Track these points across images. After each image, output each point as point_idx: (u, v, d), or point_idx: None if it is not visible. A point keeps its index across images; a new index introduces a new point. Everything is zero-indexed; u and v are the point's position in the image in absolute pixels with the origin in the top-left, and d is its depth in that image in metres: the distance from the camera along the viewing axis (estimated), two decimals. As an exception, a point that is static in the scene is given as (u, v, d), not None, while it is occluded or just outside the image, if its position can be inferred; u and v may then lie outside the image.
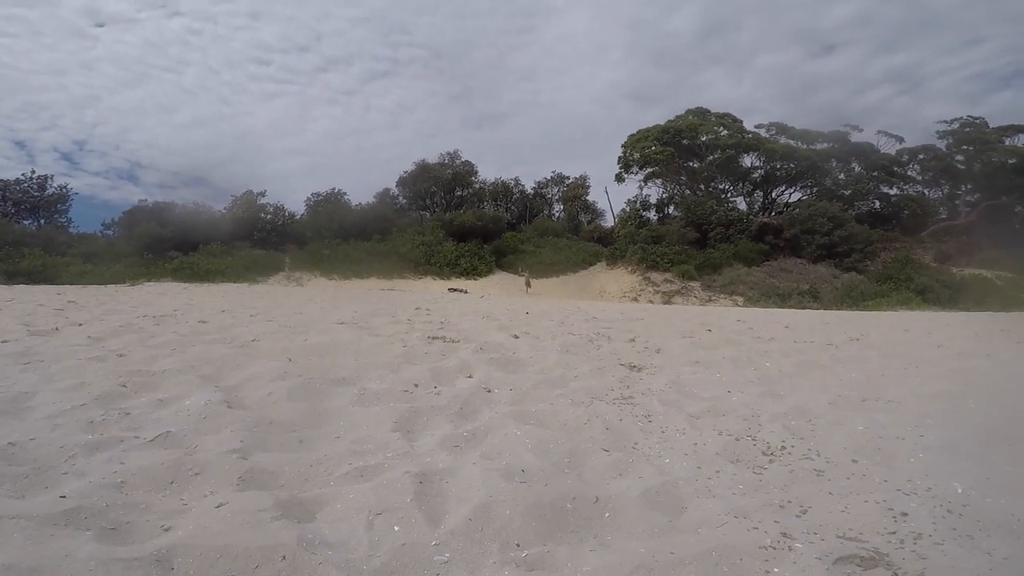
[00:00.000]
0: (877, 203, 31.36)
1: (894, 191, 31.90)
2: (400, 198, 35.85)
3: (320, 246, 24.19)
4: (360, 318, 6.89)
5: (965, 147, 31.45)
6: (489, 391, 3.69)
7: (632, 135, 30.91)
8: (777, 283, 18.26)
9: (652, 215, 31.24)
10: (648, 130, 30.42)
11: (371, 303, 9.77)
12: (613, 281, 23.46)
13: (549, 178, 39.78)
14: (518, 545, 1.86)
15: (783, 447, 2.70)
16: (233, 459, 2.40)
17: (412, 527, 1.90)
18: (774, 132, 31.55)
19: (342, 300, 10.52)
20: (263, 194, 28.77)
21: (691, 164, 31.01)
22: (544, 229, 31.59)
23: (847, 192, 30.28)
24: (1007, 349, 5.78)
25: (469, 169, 36.35)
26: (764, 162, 30.50)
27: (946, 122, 32.89)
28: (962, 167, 31.34)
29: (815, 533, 1.87)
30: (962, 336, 6.78)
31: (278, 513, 1.91)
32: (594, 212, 38.70)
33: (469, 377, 4.02)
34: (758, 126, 31.78)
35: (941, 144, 32.08)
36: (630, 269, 23.91)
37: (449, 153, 36.55)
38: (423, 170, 34.96)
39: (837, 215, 24.42)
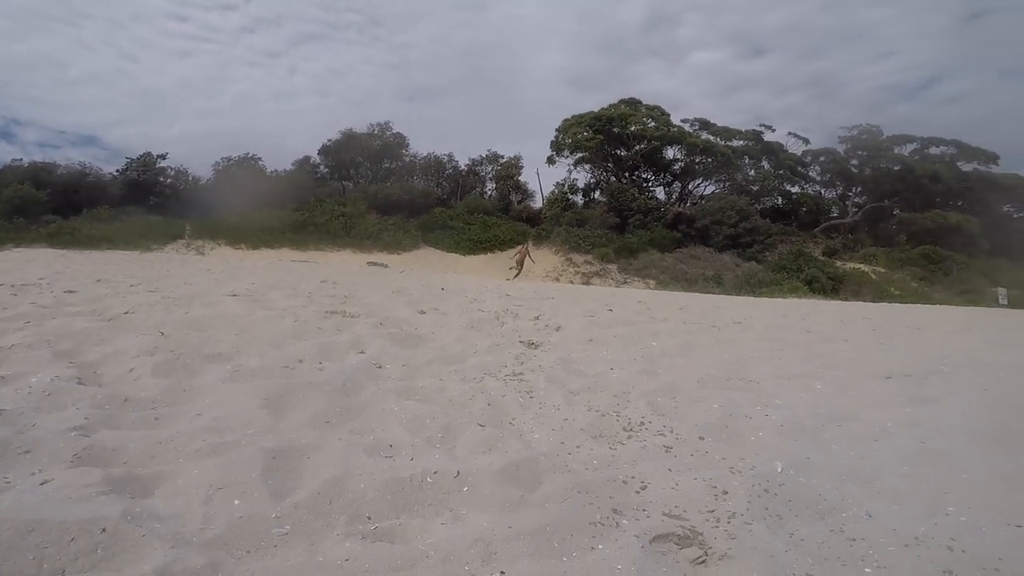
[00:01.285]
0: (780, 199, 33.96)
1: (796, 189, 34.61)
2: (322, 167, 34.11)
3: (228, 214, 22.55)
4: (256, 290, 6.53)
5: (860, 152, 34.76)
6: (380, 367, 3.65)
7: (567, 119, 31.43)
8: (686, 269, 19.40)
9: (579, 199, 32.10)
10: (582, 116, 31.04)
11: (275, 275, 9.29)
12: (538, 260, 23.86)
13: (484, 156, 39.44)
14: (369, 518, 1.88)
15: (642, 423, 2.88)
16: (72, 437, 2.23)
17: (253, 501, 1.87)
18: (697, 127, 33.06)
19: (243, 271, 9.92)
20: (164, 156, 26.31)
21: (619, 152, 31.97)
22: (475, 207, 31.36)
23: (755, 188, 32.64)
24: (864, 335, 6.51)
25: (400, 141, 35.13)
26: (685, 155, 31.95)
27: (847, 128, 36.31)
28: (855, 171, 34.60)
29: (644, 510, 1.98)
30: (831, 322, 7.56)
31: (107, 488, 1.82)
32: (525, 192, 38.91)
33: (361, 353, 3.95)
34: (684, 120, 33.18)
35: (840, 148, 35.27)
36: (554, 250, 24.40)
37: (379, 124, 35.08)
38: (349, 139, 33.34)
39: (744, 209, 26.19)
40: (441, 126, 67.82)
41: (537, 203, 36.19)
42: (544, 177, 41.40)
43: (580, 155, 31.42)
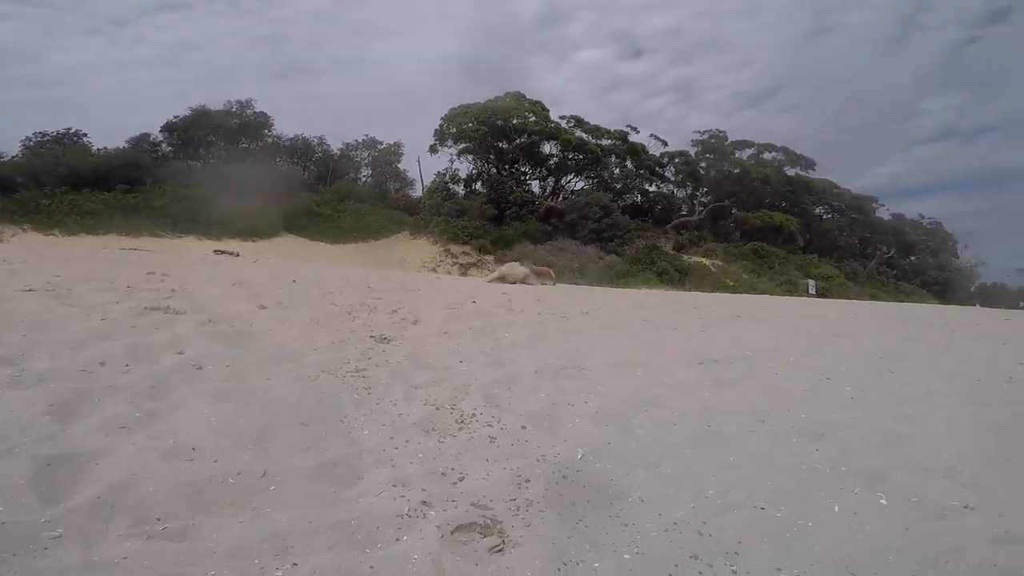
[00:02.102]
0: (639, 197, 36.91)
1: (653, 188, 37.80)
2: (164, 145, 30.08)
3: (37, 194, 18.96)
4: (61, 284, 5.59)
5: (707, 155, 38.56)
6: (199, 368, 3.34)
7: (454, 109, 31.33)
8: (555, 260, 20.36)
9: (460, 189, 32.09)
10: (469, 106, 31.14)
11: (91, 265, 8.03)
12: (415, 251, 23.47)
13: (360, 141, 37.55)
14: (158, 519, 1.80)
15: (474, 415, 2.96)
16: None
17: (20, 507, 1.76)
18: (573, 124, 34.61)
19: (49, 261, 8.43)
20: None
21: (500, 145, 32.57)
22: (346, 193, 29.85)
23: (619, 185, 35.19)
24: (693, 323, 7.34)
25: (263, 121, 32.18)
26: (561, 151, 33.43)
27: (699, 132, 40.09)
28: (703, 172, 38.71)
29: (454, 501, 2.04)
30: (668, 312, 8.42)
31: None
32: (404, 180, 37.87)
33: (179, 354, 3.58)
34: (561, 117, 34.62)
35: (692, 151, 38.83)
36: (432, 240, 24.17)
37: (239, 101, 31.76)
38: (200, 116, 29.75)
39: (607, 205, 28.19)
40: (315, 107, 63.39)
41: (417, 192, 35.56)
42: (426, 166, 40.81)
43: (464, 145, 31.43)
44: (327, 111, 65.56)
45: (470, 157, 32.51)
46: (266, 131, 32.37)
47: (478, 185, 32.26)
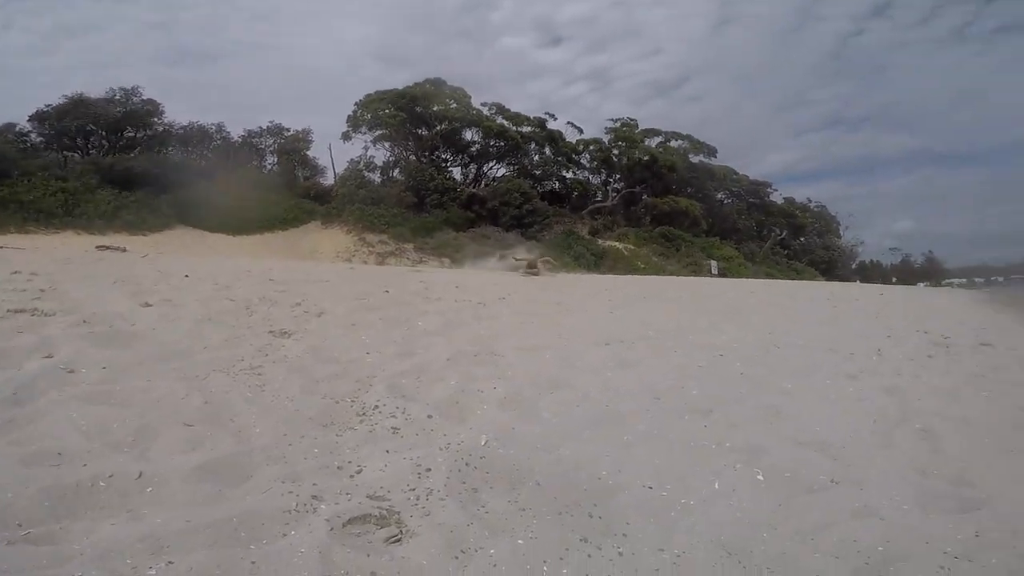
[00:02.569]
0: (557, 184, 37.64)
1: (570, 174, 38.69)
2: (34, 135, 26.55)
3: None
4: None
5: (620, 143, 39.63)
6: (71, 371, 3.03)
7: (369, 95, 30.54)
8: (478, 248, 20.41)
9: (376, 177, 31.22)
10: (385, 92, 30.40)
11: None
12: (327, 240, 22.51)
13: (265, 128, 35.23)
14: (20, 525, 1.70)
15: (377, 407, 2.89)
16: None
17: None
18: (494, 111, 34.57)
19: None
20: None
21: (420, 131, 31.95)
22: (249, 181, 27.96)
23: (538, 172, 35.68)
24: (604, 305, 7.66)
25: (151, 108, 29.13)
26: (482, 138, 33.33)
27: (612, 120, 41.22)
28: (616, 159, 40.02)
29: (348, 494, 2.00)
30: (579, 295, 8.71)
31: None
32: (314, 168, 36.03)
33: (47, 357, 3.20)
34: (483, 104, 34.45)
35: (606, 139, 39.78)
36: (346, 229, 23.30)
37: (124, 89, 28.48)
38: (76, 105, 26.44)
39: (527, 192, 28.56)
40: (216, 94, 58.36)
41: (329, 180, 34.08)
42: (339, 153, 39.23)
43: (380, 132, 30.58)
44: (230, 98, 60.78)
45: (387, 144, 31.77)
46: (155, 119, 29.42)
47: (396, 172, 31.55)
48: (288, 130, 35.40)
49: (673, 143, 42.33)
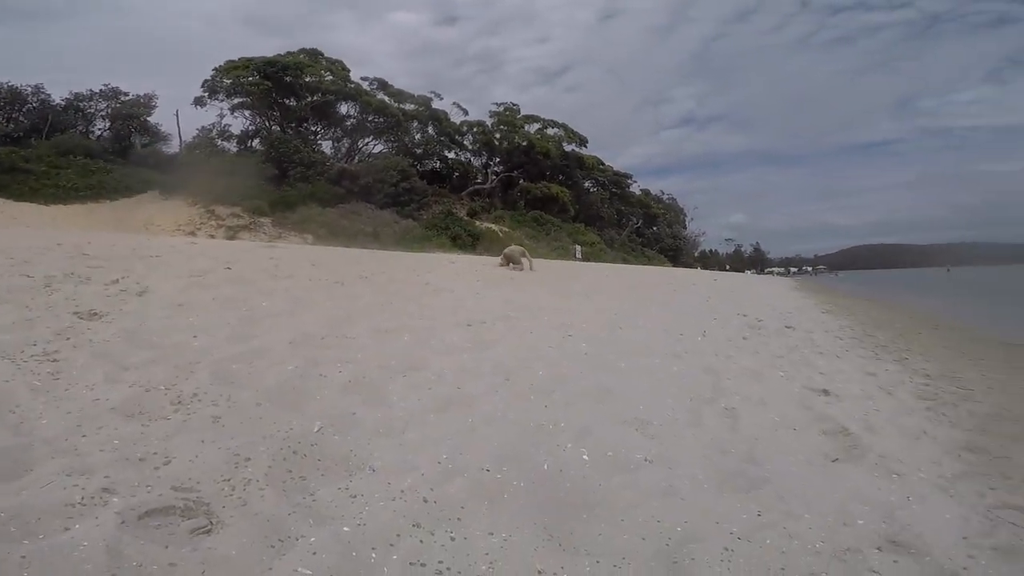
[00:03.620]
0: (438, 163, 37.30)
1: (452, 155, 38.61)
2: None
3: None
4: None
5: (502, 127, 40.43)
6: None
7: (232, 61, 27.84)
8: (347, 224, 19.38)
9: (232, 146, 28.73)
10: (251, 59, 27.90)
11: None
12: (167, 213, 19.85)
13: (98, 91, 29.94)
14: None
15: (196, 395, 2.61)
16: None
17: None
18: (376, 87, 33.23)
19: None
20: None
21: (288, 102, 29.72)
22: (69, 147, 23.65)
23: (419, 151, 35.09)
24: (472, 285, 7.70)
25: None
26: (360, 113, 31.86)
27: (496, 104, 41.97)
28: (497, 143, 40.79)
29: (148, 486, 1.81)
30: (448, 275, 8.69)
31: None
32: (156, 135, 31.49)
33: None
34: (364, 78, 32.99)
35: (489, 122, 40.32)
36: (191, 201, 20.70)
37: None
38: None
39: (406, 170, 27.80)
40: (43, 55, 47.66)
41: (176, 149, 30.24)
42: (191, 121, 35.09)
43: (240, 100, 28.16)
44: (62, 60, 50.27)
45: (247, 113, 29.36)
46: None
47: (256, 143, 29.13)
48: (127, 94, 30.53)
49: (550, 131, 43.98)
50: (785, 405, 3.49)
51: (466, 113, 39.57)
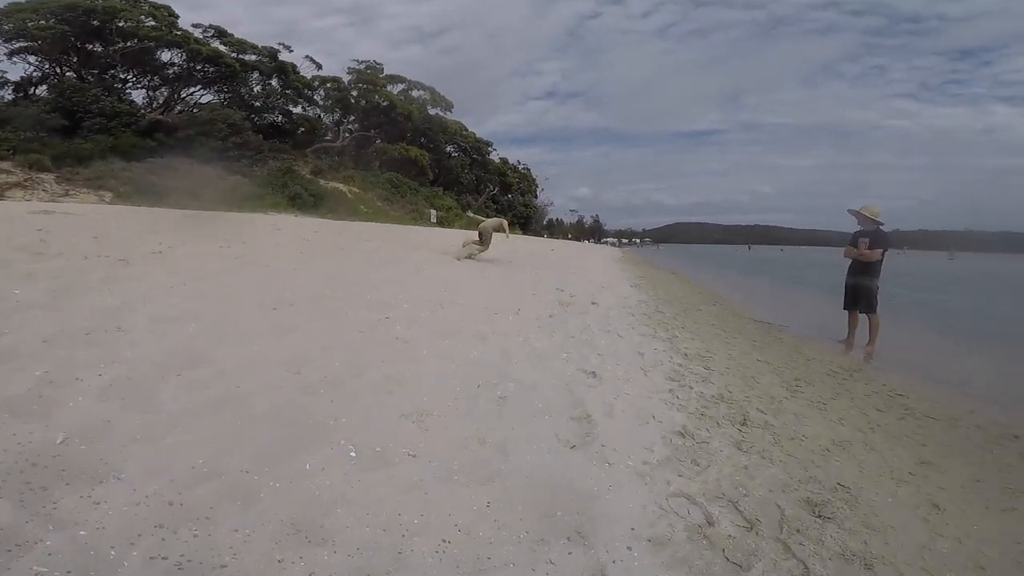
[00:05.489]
0: (281, 117, 34.60)
1: (298, 110, 36.16)
2: None
3: None
4: None
5: (361, 85, 39.14)
6: None
7: (16, 2, 23.77)
8: (156, 180, 16.81)
9: (7, 94, 24.42)
10: (45, 2, 23.66)
11: None
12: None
13: None
14: None
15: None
16: None
17: None
18: (212, 35, 30.05)
19: None
20: None
21: (92, 47, 25.56)
22: None
23: (258, 103, 32.41)
24: (289, 259, 7.24)
25: None
26: (186, 61, 28.51)
27: (357, 61, 40.92)
28: (354, 101, 39.10)
29: None
30: (269, 246, 8.07)
31: None
32: None
33: None
34: (197, 25, 29.72)
35: (347, 79, 38.92)
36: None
37: None
38: None
39: (237, 123, 24.97)
40: None
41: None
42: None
43: (21, 44, 24.01)
44: None
45: (34, 58, 25.09)
46: None
47: (43, 91, 24.92)
48: None
49: (415, 93, 43.04)
50: (553, 390, 3.52)
51: (320, 68, 37.59)
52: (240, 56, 30.66)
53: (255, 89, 32.66)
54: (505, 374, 3.67)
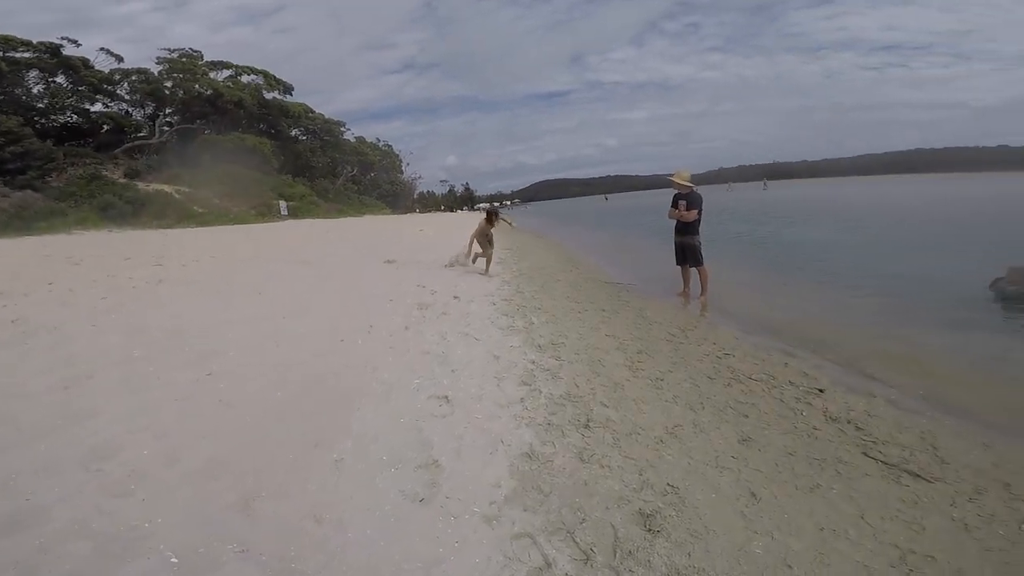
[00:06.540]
0: (75, 118, 30.02)
1: (97, 108, 31.40)
2: None
3: None
4: None
5: (176, 74, 35.55)
6: None
7: None
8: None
9: None
10: None
11: None
12: None
13: None
14: None
15: None
16: None
17: None
18: None
19: None
20: None
21: None
22: None
23: (42, 105, 27.81)
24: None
25: None
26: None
27: (168, 50, 36.40)
28: (169, 92, 34.79)
29: None
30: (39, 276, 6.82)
31: None
32: None
33: None
34: None
35: (157, 69, 35.11)
36: None
37: None
38: None
39: (15, 130, 20.48)
40: None
41: None
42: None
43: None
44: None
45: None
46: None
47: None
48: None
49: (245, 78, 39.17)
50: (400, 434, 3.23)
51: (120, 60, 33.42)
52: (9, 54, 25.59)
53: (35, 89, 27.90)
54: (345, 427, 3.32)
